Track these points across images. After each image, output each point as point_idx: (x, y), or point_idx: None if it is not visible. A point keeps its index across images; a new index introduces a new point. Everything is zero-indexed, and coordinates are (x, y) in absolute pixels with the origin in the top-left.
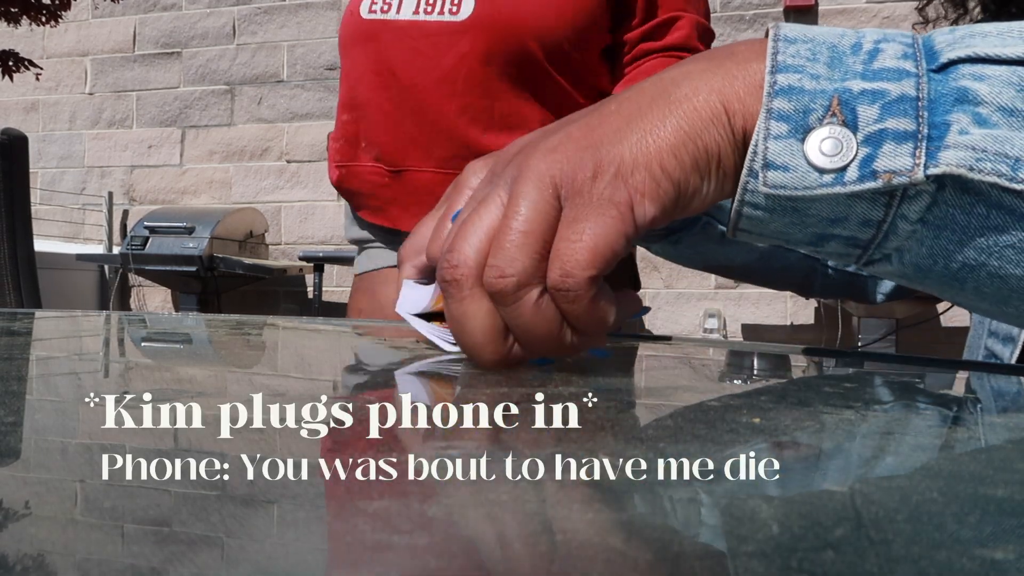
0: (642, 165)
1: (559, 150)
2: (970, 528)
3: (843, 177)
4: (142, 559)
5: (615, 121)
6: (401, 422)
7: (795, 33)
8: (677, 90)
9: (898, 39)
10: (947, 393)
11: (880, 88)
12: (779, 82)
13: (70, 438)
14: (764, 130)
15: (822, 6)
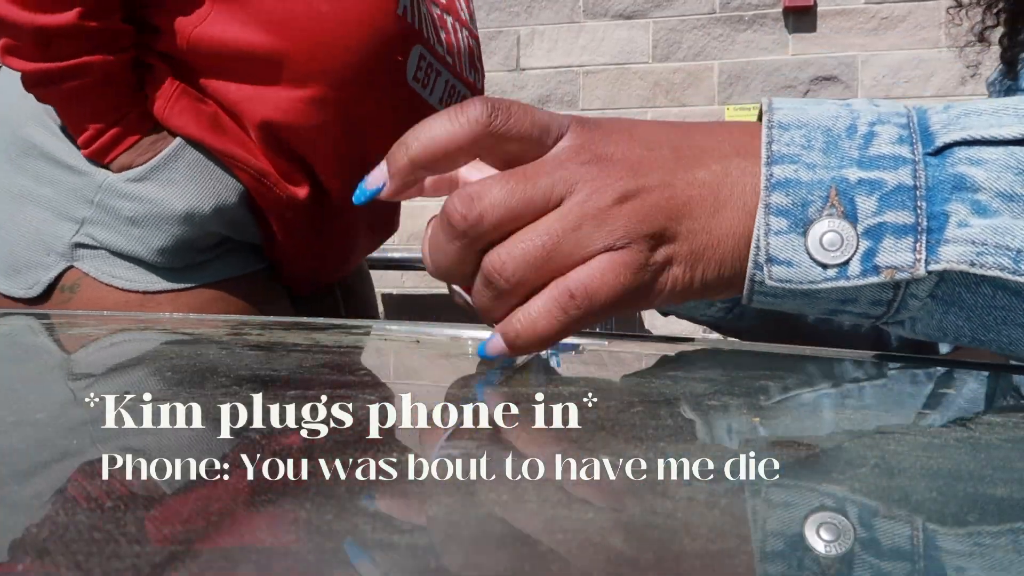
0: (687, 276)
1: (638, 202)
2: (970, 528)
3: (846, 271)
4: (142, 559)
5: (699, 203)
6: (400, 422)
7: (788, 118)
8: (737, 189)
9: (893, 120)
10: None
11: (877, 178)
12: (775, 175)
13: (71, 438)
14: (764, 225)
15: (821, 6)
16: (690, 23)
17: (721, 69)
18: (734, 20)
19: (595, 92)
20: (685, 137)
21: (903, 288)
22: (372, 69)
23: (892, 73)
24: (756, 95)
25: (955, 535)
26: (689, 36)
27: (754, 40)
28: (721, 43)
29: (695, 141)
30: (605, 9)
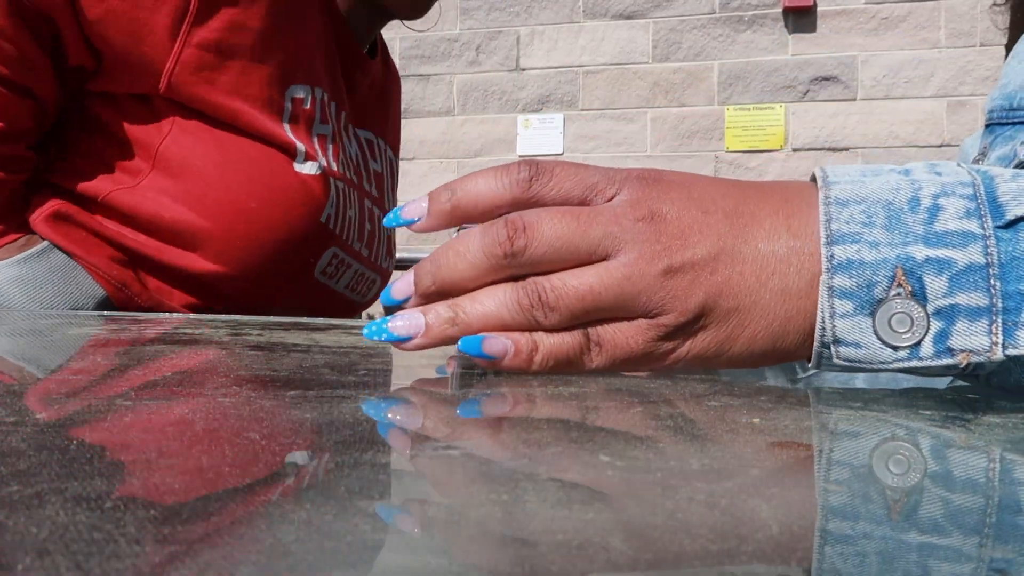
0: (723, 351)
1: (683, 277)
2: (970, 528)
3: (918, 352)
4: (142, 559)
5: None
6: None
7: (846, 193)
8: (790, 283)
9: (958, 191)
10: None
11: (946, 256)
12: (837, 255)
13: (71, 438)
14: (829, 308)
15: (821, 6)
16: (690, 23)
17: (721, 69)
18: (734, 20)
19: (595, 92)
20: (741, 202)
21: (978, 363)
22: (282, 265)
23: (892, 73)
24: (756, 95)
25: (955, 535)
26: (689, 36)
27: (754, 40)
28: (721, 43)
29: (749, 208)
30: (605, 9)
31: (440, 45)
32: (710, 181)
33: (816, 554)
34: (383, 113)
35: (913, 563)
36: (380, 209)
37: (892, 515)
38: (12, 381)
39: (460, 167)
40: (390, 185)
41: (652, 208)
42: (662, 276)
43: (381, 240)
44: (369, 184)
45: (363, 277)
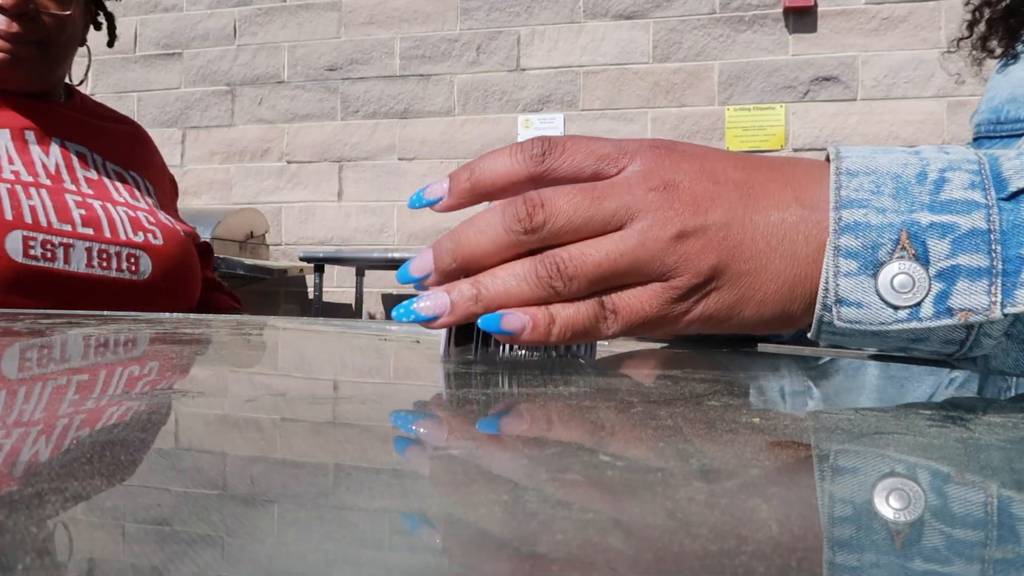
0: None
1: (694, 242)
2: (970, 528)
3: (918, 313)
4: (143, 559)
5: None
6: (397, 421)
7: (857, 165)
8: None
9: (964, 166)
10: (948, 393)
11: (950, 221)
12: (844, 218)
13: (71, 437)
14: (834, 268)
15: (821, 7)
16: (690, 23)
17: (721, 69)
18: (734, 20)
19: (595, 92)
20: (752, 174)
21: (976, 328)
22: None
23: (892, 73)
24: (756, 96)
25: (955, 536)
26: (689, 36)
27: (754, 40)
28: (721, 43)
29: (760, 180)
30: (605, 9)
31: (440, 45)
32: (722, 153)
33: (816, 554)
34: (94, 135)
35: (914, 562)
36: (103, 200)
37: (892, 515)
38: (11, 381)
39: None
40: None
41: (664, 178)
42: (675, 240)
43: (116, 220)
44: (75, 184)
45: (105, 253)
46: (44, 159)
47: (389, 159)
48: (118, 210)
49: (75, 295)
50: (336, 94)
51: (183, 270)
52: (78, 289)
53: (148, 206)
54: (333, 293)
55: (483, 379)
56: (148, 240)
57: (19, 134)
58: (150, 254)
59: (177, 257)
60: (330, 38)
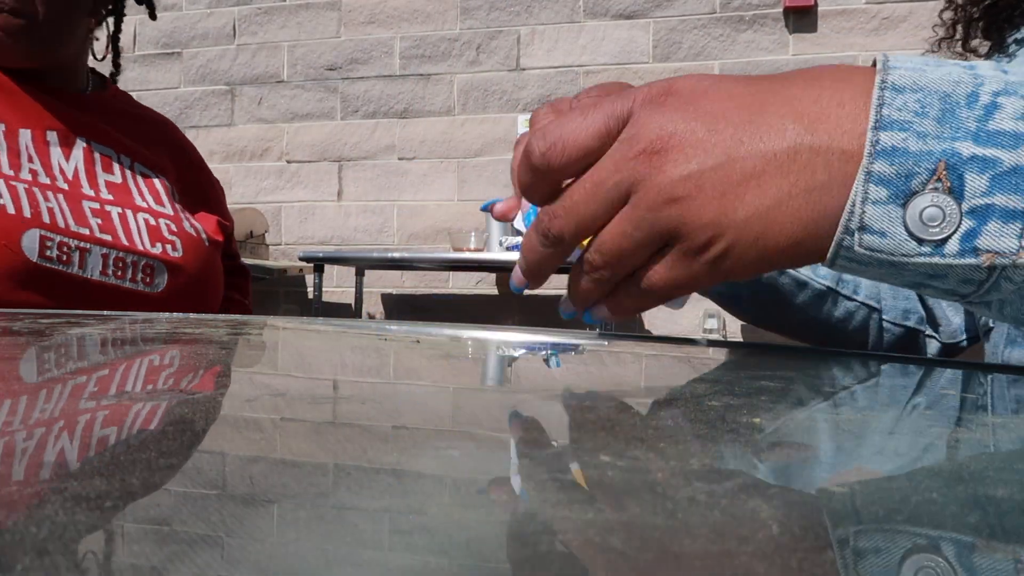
0: (751, 259)
1: (687, 201)
2: (970, 528)
3: (942, 249)
4: (143, 559)
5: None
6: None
7: (905, 79)
8: (802, 167)
9: (1020, 91)
10: (948, 392)
11: (992, 156)
12: (882, 141)
13: (71, 437)
14: (863, 192)
15: (822, 6)
16: (691, 23)
17: (722, 69)
18: (735, 20)
19: None
20: (757, 110)
21: (998, 271)
22: None
23: None
24: None
25: (955, 536)
26: (690, 36)
27: (755, 40)
28: (722, 43)
29: (767, 113)
30: (605, 9)
31: (440, 45)
32: (725, 90)
33: (816, 554)
34: (123, 133)
35: (914, 562)
36: (122, 207)
37: (893, 514)
38: (12, 381)
39: (460, 167)
40: (141, 188)
41: (650, 140)
42: (668, 204)
43: (132, 229)
44: (94, 189)
45: (122, 261)
46: (63, 163)
47: (389, 159)
48: (137, 218)
49: (86, 301)
50: (336, 94)
51: (200, 283)
52: (90, 296)
53: (174, 211)
54: (333, 293)
55: (483, 379)
56: (166, 252)
57: (41, 136)
58: (167, 267)
59: (196, 271)
60: (330, 37)
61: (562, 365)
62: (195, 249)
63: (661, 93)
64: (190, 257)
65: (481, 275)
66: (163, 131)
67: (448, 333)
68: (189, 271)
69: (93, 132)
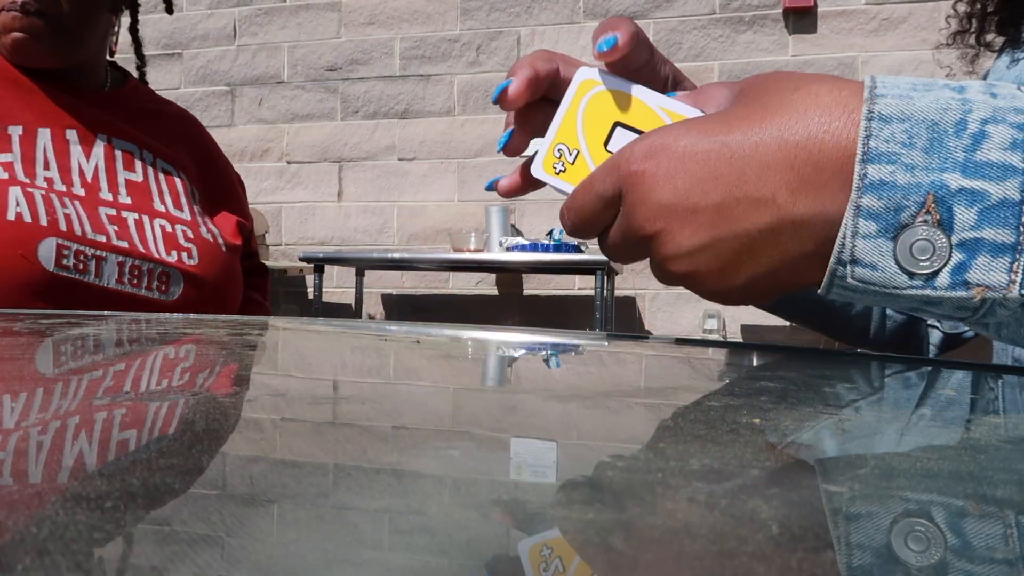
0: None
1: (690, 276)
2: (971, 528)
3: (933, 282)
4: (143, 559)
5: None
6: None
7: (892, 109)
8: (793, 231)
9: (1009, 118)
10: (948, 393)
11: (980, 188)
12: (870, 175)
13: (71, 437)
14: (852, 227)
15: (821, 7)
16: (690, 24)
17: (721, 70)
18: (734, 21)
19: None
20: (736, 184)
21: (992, 300)
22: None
23: (892, 74)
24: None
25: (954, 536)
26: (689, 37)
27: (754, 41)
28: (721, 44)
29: (747, 188)
30: (606, 9)
31: (441, 45)
32: (699, 164)
33: (816, 554)
34: (145, 128)
35: (914, 561)
36: (139, 212)
37: (892, 514)
38: (12, 381)
39: (460, 167)
40: (162, 188)
41: (643, 216)
42: (673, 277)
43: (148, 237)
44: (113, 191)
45: (138, 269)
46: (83, 163)
47: (389, 159)
48: (154, 224)
49: (102, 309)
50: (336, 94)
51: (218, 290)
52: (106, 304)
53: (191, 216)
54: (333, 293)
55: (483, 379)
56: (181, 260)
57: (60, 134)
58: (183, 275)
59: (212, 279)
60: (330, 38)
61: (562, 365)
62: (211, 256)
63: (636, 171)
64: (206, 265)
65: (481, 275)
66: (184, 127)
67: (448, 333)
68: (205, 279)
69: (113, 129)
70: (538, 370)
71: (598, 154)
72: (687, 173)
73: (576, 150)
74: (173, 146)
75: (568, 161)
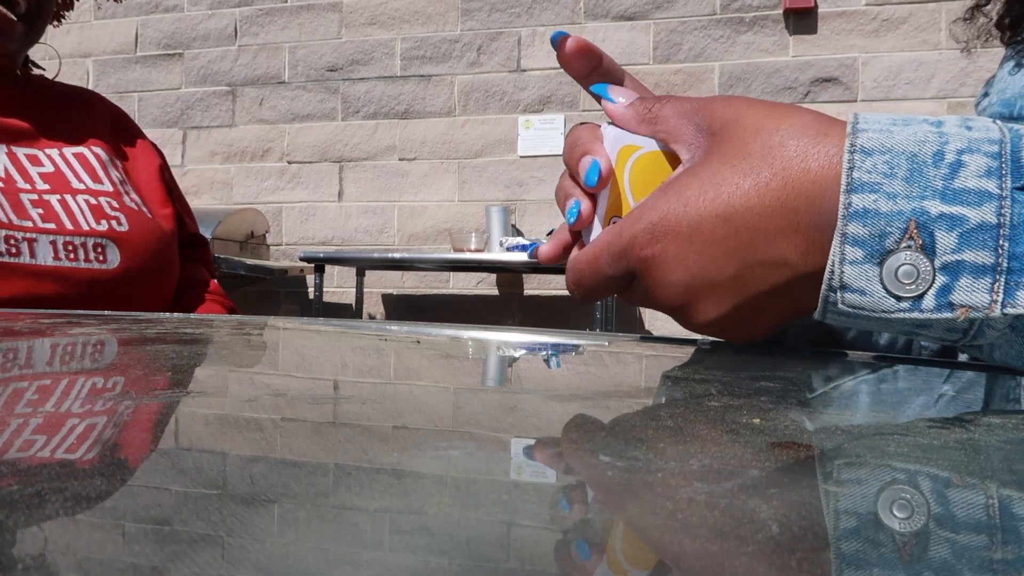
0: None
1: (718, 331)
2: (971, 527)
3: (920, 304)
4: (143, 559)
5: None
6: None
7: (873, 142)
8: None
9: (983, 148)
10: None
11: (959, 213)
12: (854, 204)
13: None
14: (840, 254)
15: (821, 8)
16: (691, 24)
17: (722, 70)
18: (735, 22)
19: None
20: (745, 252)
21: (979, 321)
22: None
23: (893, 75)
24: (757, 96)
25: (954, 536)
26: (690, 37)
27: (755, 42)
28: (722, 44)
29: (755, 254)
30: (606, 10)
31: (441, 46)
32: (707, 243)
33: (816, 555)
34: (47, 124)
35: (913, 563)
36: (61, 192)
37: (892, 515)
38: (11, 381)
39: (461, 168)
40: (76, 170)
41: (664, 297)
42: (700, 329)
43: (75, 211)
44: (29, 183)
45: (70, 245)
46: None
47: (390, 159)
48: (78, 200)
49: (47, 288)
50: (337, 94)
51: (153, 256)
52: (49, 282)
53: (113, 187)
54: (333, 293)
55: (483, 379)
56: (112, 228)
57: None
58: (116, 242)
59: (145, 243)
60: (331, 39)
61: (562, 365)
62: (139, 222)
63: (646, 253)
64: (136, 230)
65: (482, 275)
66: (91, 101)
67: (448, 333)
68: (138, 243)
69: (14, 134)
70: (538, 370)
71: None
72: (698, 253)
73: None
74: (82, 121)
75: None
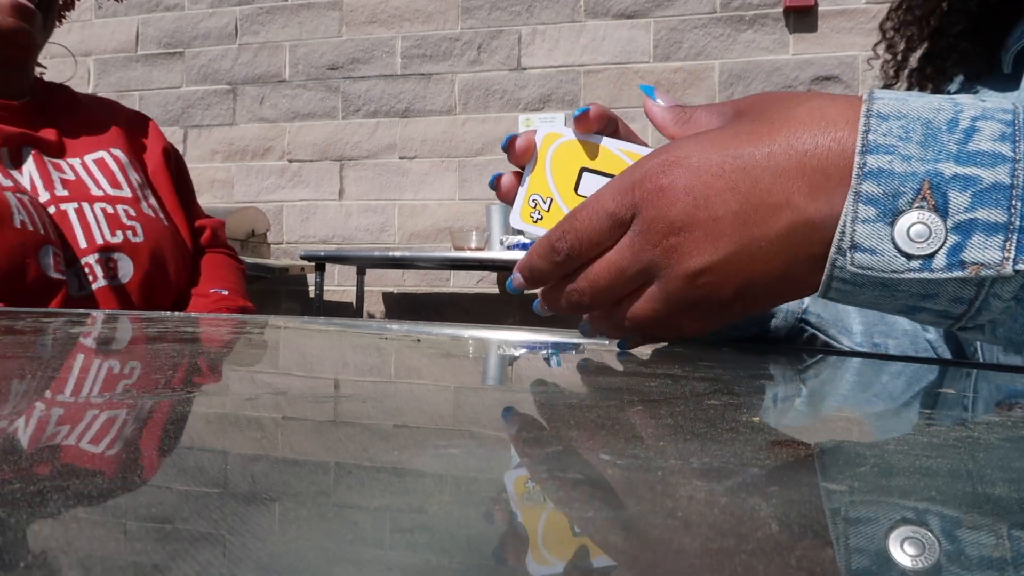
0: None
1: (710, 284)
2: (969, 529)
3: (930, 264)
4: (144, 557)
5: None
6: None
7: (889, 108)
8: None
9: (997, 116)
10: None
11: (973, 174)
12: (869, 164)
13: (72, 436)
14: (852, 212)
15: (822, 6)
16: (691, 23)
17: (722, 69)
18: (735, 20)
19: (596, 92)
20: (750, 194)
21: (987, 287)
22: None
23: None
24: None
25: (954, 536)
26: (690, 36)
27: (755, 40)
28: (722, 43)
29: (758, 197)
30: (606, 8)
31: (441, 44)
32: (715, 176)
33: (816, 553)
34: (66, 132)
35: (913, 561)
36: (79, 201)
37: (892, 511)
38: (13, 380)
39: (461, 166)
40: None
41: (664, 232)
42: (693, 288)
43: (92, 223)
44: (49, 190)
45: (102, 258)
46: (18, 176)
47: (390, 158)
48: (95, 208)
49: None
50: (337, 93)
51: (169, 263)
52: (86, 303)
53: (132, 192)
54: (334, 292)
55: (483, 379)
56: (127, 239)
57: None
58: (129, 253)
59: (160, 252)
60: (331, 37)
61: (562, 365)
62: (155, 228)
63: (654, 185)
64: (151, 239)
65: (482, 274)
66: (110, 109)
67: (449, 332)
68: (153, 252)
69: (38, 141)
70: (538, 369)
71: (570, 199)
72: (705, 185)
73: (549, 198)
74: (101, 127)
75: (544, 209)
